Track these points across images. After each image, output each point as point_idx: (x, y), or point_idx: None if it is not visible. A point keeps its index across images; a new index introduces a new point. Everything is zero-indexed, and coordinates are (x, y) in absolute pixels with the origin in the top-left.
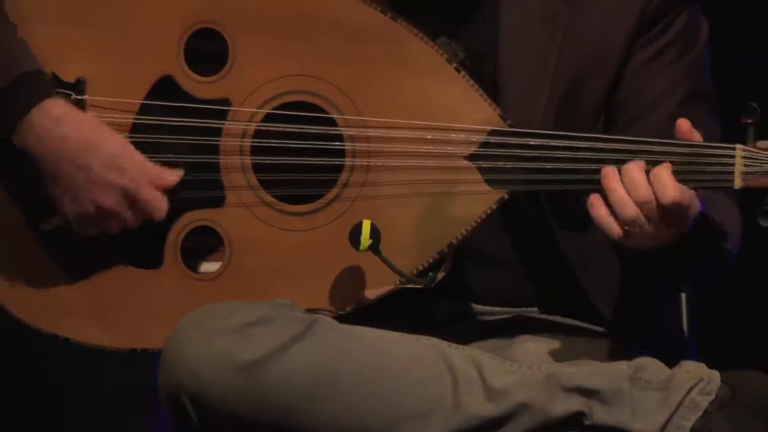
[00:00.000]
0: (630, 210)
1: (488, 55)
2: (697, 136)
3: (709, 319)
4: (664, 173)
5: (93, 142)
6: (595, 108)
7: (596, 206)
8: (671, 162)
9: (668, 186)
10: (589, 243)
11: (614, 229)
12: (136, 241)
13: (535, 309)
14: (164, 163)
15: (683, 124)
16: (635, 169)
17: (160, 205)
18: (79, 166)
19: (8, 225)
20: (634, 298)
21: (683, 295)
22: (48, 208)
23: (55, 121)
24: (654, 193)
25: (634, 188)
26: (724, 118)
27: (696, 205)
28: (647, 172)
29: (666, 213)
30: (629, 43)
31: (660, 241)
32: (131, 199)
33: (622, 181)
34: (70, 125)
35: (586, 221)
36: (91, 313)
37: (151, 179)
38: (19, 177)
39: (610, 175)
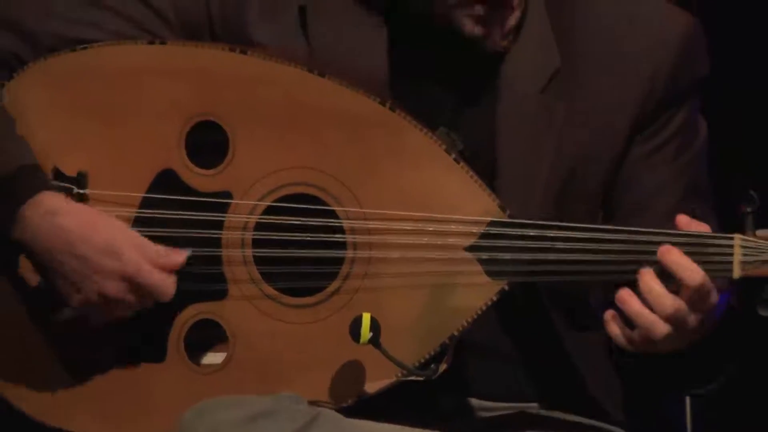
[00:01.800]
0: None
1: (485, 147)
2: (704, 228)
3: (711, 411)
4: (684, 258)
5: (88, 232)
6: (595, 197)
7: (629, 302)
8: None
9: (694, 269)
10: (590, 339)
11: (658, 324)
12: (138, 335)
13: (536, 404)
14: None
15: (682, 220)
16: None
17: (165, 286)
18: (76, 255)
19: (12, 322)
20: (638, 396)
21: None
22: (60, 300)
23: (48, 214)
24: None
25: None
26: (723, 207)
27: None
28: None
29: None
30: (628, 137)
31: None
32: (133, 284)
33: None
34: (64, 217)
35: (586, 317)
36: (94, 408)
37: (154, 261)
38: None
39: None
